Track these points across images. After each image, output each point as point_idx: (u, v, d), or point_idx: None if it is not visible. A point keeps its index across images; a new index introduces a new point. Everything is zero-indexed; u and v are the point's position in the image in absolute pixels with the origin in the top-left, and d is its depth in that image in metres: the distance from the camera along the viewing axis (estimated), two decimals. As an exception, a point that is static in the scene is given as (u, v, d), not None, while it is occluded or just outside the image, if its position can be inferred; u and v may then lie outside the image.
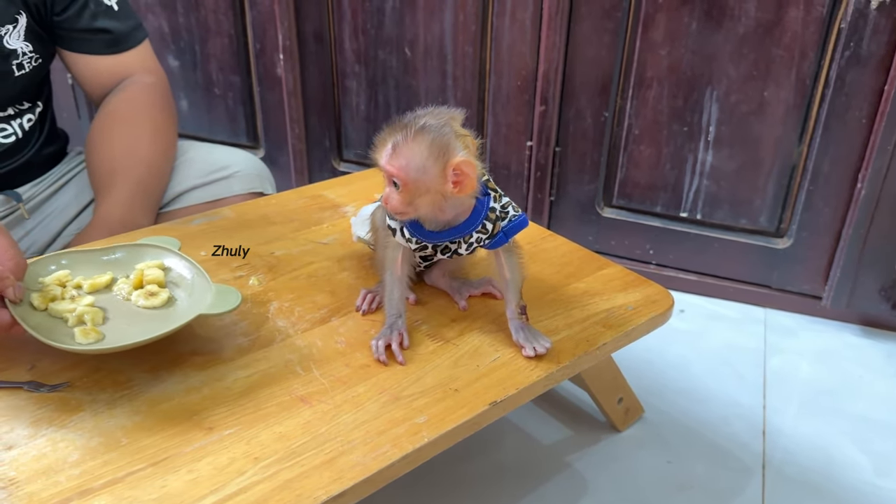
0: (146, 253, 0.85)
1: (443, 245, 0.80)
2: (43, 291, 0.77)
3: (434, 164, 0.72)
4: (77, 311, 0.76)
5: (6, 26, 1.00)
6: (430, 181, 0.72)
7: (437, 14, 1.46)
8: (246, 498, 0.61)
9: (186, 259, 0.83)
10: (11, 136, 1.06)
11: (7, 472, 0.63)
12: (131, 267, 0.84)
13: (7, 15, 1.00)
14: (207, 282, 0.79)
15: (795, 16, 1.24)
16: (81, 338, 0.73)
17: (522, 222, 0.80)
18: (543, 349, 0.79)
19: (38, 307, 0.76)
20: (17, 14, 1.01)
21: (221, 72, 1.68)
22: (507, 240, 0.79)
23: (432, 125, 0.72)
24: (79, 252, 0.84)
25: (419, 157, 0.72)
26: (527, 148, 1.50)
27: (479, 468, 1.07)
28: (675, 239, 1.49)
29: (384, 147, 0.73)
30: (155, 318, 0.78)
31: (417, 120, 0.73)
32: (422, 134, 0.72)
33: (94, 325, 0.75)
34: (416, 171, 0.72)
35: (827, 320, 1.45)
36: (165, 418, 0.69)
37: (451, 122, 0.74)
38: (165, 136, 1.13)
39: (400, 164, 0.72)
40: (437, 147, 0.72)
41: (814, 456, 1.12)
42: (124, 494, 0.61)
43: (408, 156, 0.72)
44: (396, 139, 0.72)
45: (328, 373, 0.76)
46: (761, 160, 1.37)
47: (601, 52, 1.38)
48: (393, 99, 1.58)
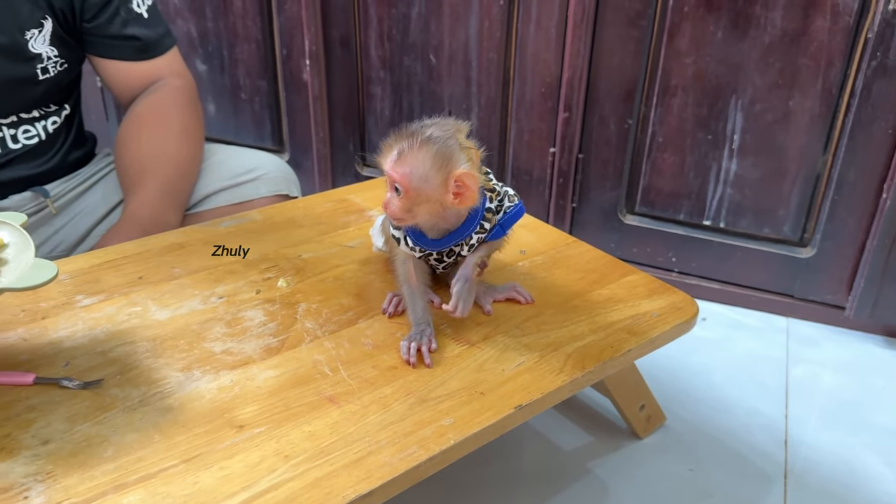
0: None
1: (447, 250, 0.81)
2: None
3: (437, 174, 0.74)
4: None
5: (31, 31, 1.02)
6: (431, 190, 0.74)
7: (463, 21, 1.47)
8: (276, 495, 0.62)
9: (24, 234, 0.74)
10: (34, 137, 1.09)
11: (45, 466, 0.64)
12: None
13: (33, 19, 1.02)
14: (30, 258, 0.70)
15: (822, 25, 1.24)
16: None
17: (518, 212, 0.82)
18: (464, 312, 0.80)
19: None
20: (43, 19, 1.03)
21: (249, 76, 1.70)
22: (505, 232, 0.82)
23: (438, 136, 0.74)
24: None
25: (423, 166, 0.74)
26: (550, 154, 1.51)
27: (500, 472, 1.08)
28: (698, 247, 1.49)
29: (390, 152, 0.75)
30: None
31: (424, 129, 0.75)
32: (427, 144, 0.74)
33: None
34: (419, 179, 0.74)
35: (850, 331, 1.44)
36: (197, 416, 0.70)
37: (457, 134, 0.76)
38: (193, 138, 1.15)
39: (404, 170, 0.74)
40: (440, 157, 0.73)
41: (836, 466, 1.12)
42: (158, 490, 0.63)
43: (412, 163, 0.74)
44: (402, 146, 0.74)
45: (356, 374, 0.77)
46: (786, 169, 1.37)
47: (626, 60, 1.39)
48: (417, 105, 1.60)
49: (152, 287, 0.89)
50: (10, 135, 1.05)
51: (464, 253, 0.83)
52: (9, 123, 1.05)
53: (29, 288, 0.67)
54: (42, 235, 1.11)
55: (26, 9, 1.01)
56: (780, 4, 1.25)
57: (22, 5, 1.00)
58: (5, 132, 1.05)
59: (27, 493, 0.62)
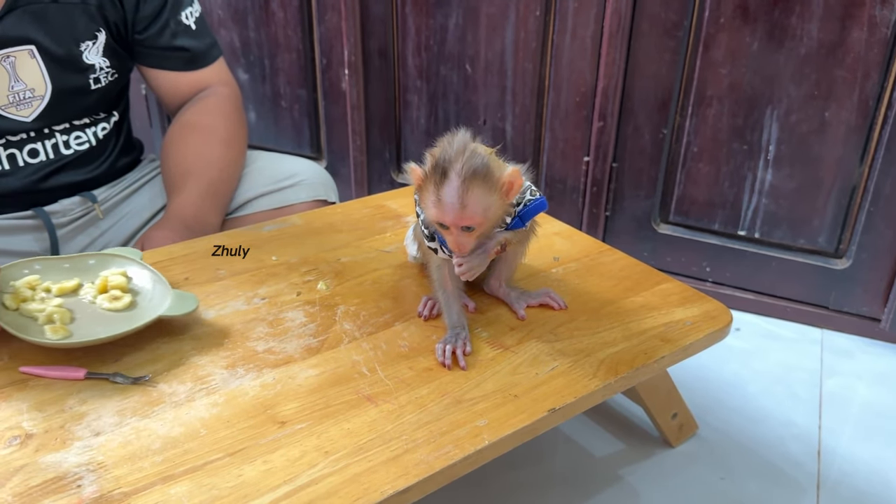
0: (111, 262, 0.92)
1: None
2: (14, 293, 0.84)
3: (494, 195, 0.77)
4: (47, 311, 0.82)
5: (86, 42, 1.07)
6: (496, 209, 0.78)
7: (499, 31, 1.49)
8: (317, 489, 0.65)
9: (148, 268, 0.90)
10: (85, 143, 1.13)
11: (96, 457, 0.67)
12: (96, 274, 0.90)
13: (88, 32, 1.06)
14: (167, 288, 0.86)
15: (859, 37, 1.24)
16: (51, 335, 0.79)
17: (540, 205, 0.84)
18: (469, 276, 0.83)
19: (10, 307, 0.83)
20: (97, 31, 1.07)
21: (289, 85, 1.74)
22: (524, 224, 0.84)
23: (475, 164, 0.75)
24: (48, 260, 0.91)
25: (484, 199, 0.76)
26: (584, 163, 1.52)
27: (532, 477, 1.09)
28: (733, 257, 1.49)
29: (442, 205, 0.76)
30: (118, 320, 0.84)
31: (455, 163, 0.75)
32: (473, 177, 0.75)
33: (62, 323, 0.82)
34: (485, 210, 0.77)
35: (886, 343, 1.43)
36: (241, 412, 0.73)
37: (469, 146, 0.77)
38: (237, 144, 1.18)
39: (473, 213, 0.76)
40: (489, 180, 0.76)
41: (870, 478, 1.11)
42: (204, 482, 0.65)
43: (474, 203, 0.76)
44: (453, 197, 0.75)
45: (392, 374, 0.79)
46: (821, 180, 1.37)
47: (661, 70, 1.40)
48: (452, 114, 1.62)
49: (198, 288, 0.92)
50: (63, 140, 1.10)
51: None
52: (61, 129, 1.09)
53: (181, 315, 0.83)
54: (89, 237, 1.16)
55: (82, 22, 1.05)
56: (816, 16, 1.25)
57: (79, 18, 1.05)
58: (58, 138, 1.09)
59: (80, 481, 0.65)
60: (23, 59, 1.02)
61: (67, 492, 0.64)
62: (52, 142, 1.09)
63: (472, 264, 0.81)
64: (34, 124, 1.06)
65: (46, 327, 0.80)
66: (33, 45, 1.02)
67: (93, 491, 0.64)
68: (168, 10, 1.12)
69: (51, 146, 1.09)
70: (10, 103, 1.03)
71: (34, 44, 1.02)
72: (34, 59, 1.03)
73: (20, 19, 1.00)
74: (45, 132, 1.08)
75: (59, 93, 1.06)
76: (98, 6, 1.06)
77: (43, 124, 1.07)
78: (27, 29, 1.01)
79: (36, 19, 1.01)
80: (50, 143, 1.08)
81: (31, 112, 1.05)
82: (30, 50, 1.02)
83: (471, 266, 0.81)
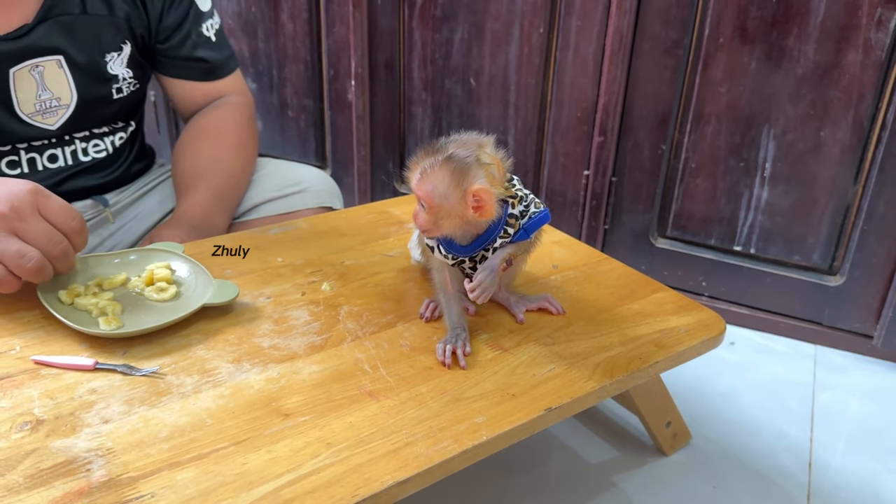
0: (154, 256, 0.97)
1: (479, 256, 0.86)
2: (69, 289, 0.89)
3: (454, 192, 0.79)
4: (100, 304, 0.87)
5: (111, 53, 1.09)
6: (451, 206, 0.80)
7: (503, 47, 1.53)
8: (320, 478, 0.66)
9: (190, 260, 0.95)
10: (103, 151, 1.15)
11: (105, 443, 0.69)
12: (142, 268, 0.95)
13: (114, 43, 1.09)
14: (209, 278, 0.91)
15: (854, 59, 1.27)
16: (105, 325, 0.83)
17: (543, 218, 0.86)
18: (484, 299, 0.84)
19: (65, 302, 0.87)
20: (123, 43, 1.10)
21: (296, 95, 1.77)
22: (528, 235, 0.86)
23: (458, 154, 0.79)
24: (96, 257, 0.96)
25: (442, 185, 0.79)
26: (584, 177, 1.55)
27: (526, 482, 1.11)
28: (729, 272, 1.51)
29: (416, 170, 0.81)
30: (166, 309, 0.89)
31: (446, 147, 0.80)
32: (446, 163, 0.79)
33: (114, 315, 0.86)
34: (439, 196, 0.79)
35: (878, 360, 1.45)
36: (247, 403, 0.75)
37: (479, 150, 0.80)
38: (247, 151, 1.21)
39: (426, 188, 0.80)
40: (457, 175, 0.79)
41: (860, 491, 1.13)
42: (209, 468, 0.67)
43: (433, 182, 0.79)
44: (425, 165, 0.80)
45: (394, 372, 0.81)
46: (816, 198, 1.39)
47: (661, 88, 1.43)
48: (456, 126, 1.65)
49: (205, 286, 0.94)
50: (82, 148, 1.12)
51: (488, 255, 0.87)
52: (81, 137, 1.12)
53: (224, 303, 0.88)
54: (99, 237, 1.18)
55: (109, 34, 1.08)
56: (813, 38, 1.29)
57: (106, 30, 1.07)
58: (77, 145, 1.12)
59: (89, 465, 0.67)
60: (51, 69, 1.04)
61: (77, 475, 0.65)
62: (72, 148, 1.11)
63: (485, 285, 0.83)
64: (57, 132, 1.08)
65: (100, 319, 0.84)
66: (61, 56, 1.04)
67: (102, 475, 0.66)
68: (190, 22, 1.15)
69: (70, 153, 1.11)
70: (37, 111, 1.05)
71: (62, 54, 1.04)
72: (62, 69, 1.05)
73: (51, 30, 1.02)
74: (66, 139, 1.10)
75: (84, 102, 1.08)
76: (126, 18, 1.08)
77: (65, 132, 1.09)
78: (56, 39, 1.03)
79: (65, 30, 1.03)
80: (69, 149, 1.11)
81: (55, 120, 1.07)
82: (58, 60, 1.04)
83: (483, 288, 0.83)
